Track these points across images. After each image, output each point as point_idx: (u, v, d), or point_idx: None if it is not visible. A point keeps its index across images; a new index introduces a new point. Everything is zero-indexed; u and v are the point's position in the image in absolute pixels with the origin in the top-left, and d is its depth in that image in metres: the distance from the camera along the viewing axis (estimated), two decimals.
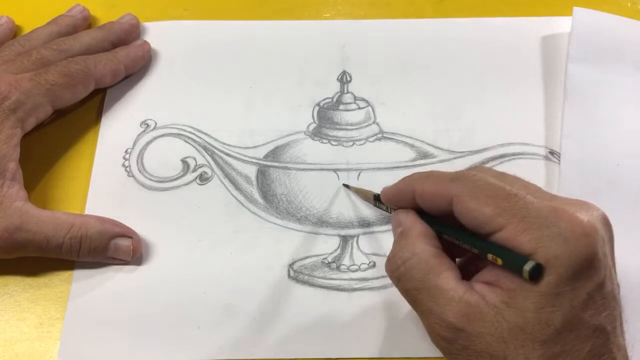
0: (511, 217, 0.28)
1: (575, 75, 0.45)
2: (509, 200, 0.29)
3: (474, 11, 0.50)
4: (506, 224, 0.28)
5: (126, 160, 0.44)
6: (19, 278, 0.40)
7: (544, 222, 0.28)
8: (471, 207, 0.30)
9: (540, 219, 0.28)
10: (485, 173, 0.31)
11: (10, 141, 0.40)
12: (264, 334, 0.38)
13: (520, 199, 0.29)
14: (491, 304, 0.28)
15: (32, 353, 0.38)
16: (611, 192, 0.41)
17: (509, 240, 0.28)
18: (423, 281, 0.30)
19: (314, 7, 0.51)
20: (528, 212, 0.28)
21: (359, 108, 0.46)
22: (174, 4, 0.51)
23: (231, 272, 0.40)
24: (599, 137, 0.43)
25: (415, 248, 0.32)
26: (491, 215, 0.29)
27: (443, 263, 0.31)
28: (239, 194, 0.43)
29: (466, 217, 0.30)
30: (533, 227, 0.28)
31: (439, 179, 0.32)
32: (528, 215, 0.28)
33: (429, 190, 0.32)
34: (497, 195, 0.29)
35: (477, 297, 0.29)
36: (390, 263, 0.33)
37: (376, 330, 0.38)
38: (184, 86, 0.47)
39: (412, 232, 0.32)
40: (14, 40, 0.46)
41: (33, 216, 0.38)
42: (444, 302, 0.29)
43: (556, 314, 0.27)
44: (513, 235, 0.28)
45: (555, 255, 0.27)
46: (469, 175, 0.31)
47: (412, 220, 0.33)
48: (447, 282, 0.30)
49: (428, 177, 0.33)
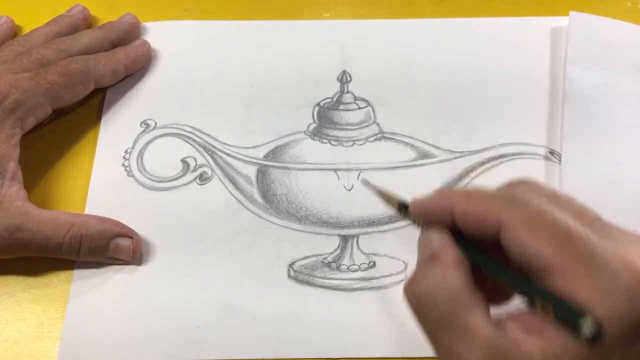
0: (570, 260, 0.25)
1: (573, 76, 0.45)
2: (570, 239, 0.25)
3: (474, 11, 0.50)
4: (564, 267, 0.25)
5: (126, 160, 0.44)
6: (19, 278, 0.40)
7: (608, 272, 0.24)
8: (525, 242, 0.26)
9: (604, 267, 0.24)
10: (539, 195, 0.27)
11: (9, 141, 0.40)
12: (264, 334, 0.38)
13: (583, 240, 0.25)
14: (525, 352, 0.25)
15: (32, 353, 0.38)
16: (612, 191, 0.41)
17: (563, 286, 0.25)
18: (449, 315, 0.27)
19: (314, 7, 0.51)
20: (591, 257, 0.25)
21: (359, 108, 0.46)
22: (174, 4, 0.52)
23: (231, 272, 0.40)
24: (599, 136, 0.43)
25: (446, 275, 0.27)
26: (548, 253, 0.25)
27: (474, 297, 0.27)
28: (239, 194, 0.43)
29: (516, 251, 0.26)
30: (594, 276, 0.24)
31: (485, 199, 0.28)
32: (590, 261, 0.25)
33: (473, 210, 0.28)
34: (556, 232, 0.26)
35: (509, 343, 0.25)
36: (412, 286, 0.28)
37: (376, 330, 0.38)
38: (184, 86, 0.47)
39: (445, 257, 0.28)
40: (13, 40, 0.46)
41: (33, 216, 0.38)
42: (469, 343, 0.26)
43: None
44: (569, 281, 0.25)
45: (617, 312, 0.24)
46: (523, 199, 0.27)
47: (446, 243, 0.29)
48: (476, 320, 0.26)
49: (472, 196, 0.29)
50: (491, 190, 0.29)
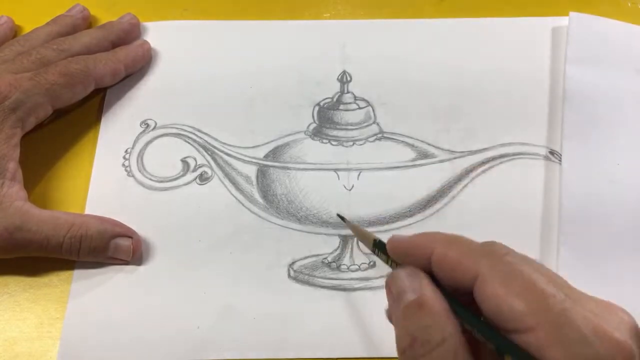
0: (544, 321, 0.25)
1: (573, 76, 0.45)
2: (545, 299, 0.25)
3: (474, 11, 0.50)
4: (537, 327, 0.25)
5: (126, 160, 0.44)
6: (19, 278, 0.40)
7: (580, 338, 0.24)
8: (499, 294, 0.26)
9: (576, 333, 0.24)
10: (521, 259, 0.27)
11: (10, 141, 0.40)
12: (264, 334, 0.38)
13: (558, 302, 0.25)
14: None
15: (32, 353, 0.38)
16: (612, 191, 0.41)
17: (535, 347, 0.25)
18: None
19: (314, 7, 0.51)
20: (564, 320, 0.25)
21: (359, 108, 0.46)
22: (174, 4, 0.52)
23: (231, 272, 0.40)
24: (599, 136, 0.43)
25: (445, 331, 0.26)
26: (521, 312, 0.25)
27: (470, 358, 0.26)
28: (239, 194, 0.43)
29: (489, 304, 0.26)
30: (566, 341, 0.24)
31: (466, 247, 0.28)
32: (563, 324, 0.25)
33: (452, 257, 0.27)
34: (532, 290, 0.25)
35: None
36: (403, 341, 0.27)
37: (376, 330, 0.38)
38: (184, 86, 0.47)
39: (436, 307, 0.27)
40: (13, 40, 0.46)
41: (33, 216, 0.38)
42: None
43: None
44: (542, 343, 0.24)
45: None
46: (503, 254, 0.27)
47: (431, 290, 0.27)
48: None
49: (453, 242, 0.28)
50: (472, 241, 0.28)
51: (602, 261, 0.39)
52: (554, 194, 0.42)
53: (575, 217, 0.40)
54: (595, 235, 0.39)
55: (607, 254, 0.39)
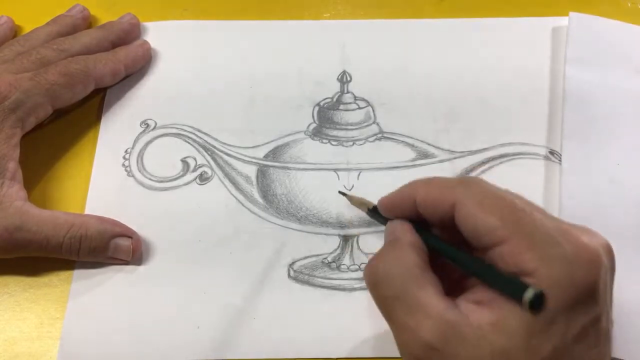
0: (516, 231, 0.27)
1: (573, 77, 0.45)
2: (516, 212, 0.27)
3: (474, 11, 0.50)
4: (509, 237, 0.27)
5: (126, 160, 0.44)
6: (19, 278, 0.40)
7: (550, 241, 0.27)
8: (474, 213, 0.28)
9: (546, 237, 0.27)
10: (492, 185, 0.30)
11: (10, 141, 0.40)
12: (264, 334, 0.38)
13: (527, 214, 0.27)
14: (475, 324, 0.27)
15: (32, 353, 0.38)
16: (612, 191, 0.41)
17: (509, 255, 0.27)
18: (402, 291, 0.29)
19: (314, 7, 0.51)
20: (534, 228, 0.27)
21: (359, 108, 0.46)
22: (174, 4, 0.52)
23: (231, 272, 0.40)
24: (599, 136, 0.43)
25: (400, 255, 0.30)
26: (495, 225, 0.27)
27: (427, 276, 0.29)
28: (239, 194, 0.43)
29: (467, 225, 0.28)
30: (537, 245, 0.26)
31: (443, 182, 0.31)
32: (534, 231, 0.27)
33: (432, 194, 0.30)
34: (503, 206, 0.28)
35: (459, 316, 0.27)
36: (370, 267, 0.31)
37: (376, 330, 0.37)
38: (184, 86, 0.47)
39: (402, 241, 0.31)
40: (13, 40, 0.46)
41: (33, 216, 0.38)
42: (421, 317, 0.27)
43: (546, 343, 0.26)
44: (515, 250, 0.27)
45: (558, 279, 0.26)
46: (476, 180, 0.30)
47: (405, 230, 0.32)
48: (427, 296, 0.28)
49: (431, 181, 0.31)
50: (448, 177, 0.32)
51: None
52: (554, 194, 0.42)
53: (575, 217, 0.40)
54: None
55: None
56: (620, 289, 0.38)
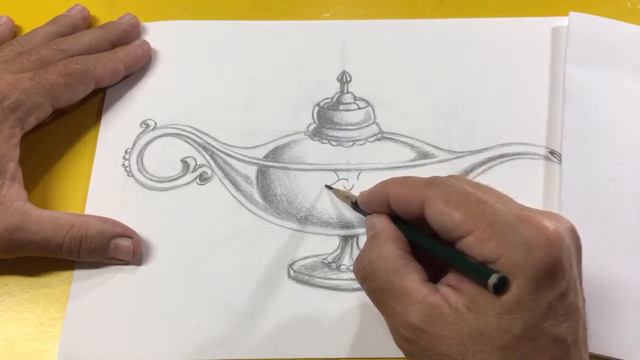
0: (478, 222, 0.29)
1: (573, 76, 0.45)
2: (478, 206, 0.29)
3: (474, 11, 0.50)
4: (473, 229, 0.29)
5: (126, 160, 0.44)
6: (19, 278, 0.40)
7: (510, 229, 0.28)
8: (441, 211, 0.30)
9: (506, 225, 0.28)
10: (460, 181, 0.31)
11: (10, 141, 0.40)
12: (264, 334, 0.38)
13: (489, 205, 0.29)
14: (453, 306, 0.29)
15: (32, 353, 0.38)
16: (612, 190, 0.41)
17: (475, 246, 0.29)
18: (388, 281, 0.31)
19: (314, 7, 0.51)
20: (495, 218, 0.29)
21: (359, 108, 0.46)
22: (174, 4, 0.52)
23: (231, 272, 0.40)
24: (599, 136, 0.43)
25: (382, 249, 0.32)
26: (460, 220, 0.29)
27: (409, 265, 0.31)
28: (239, 194, 0.43)
29: (436, 221, 0.30)
30: (498, 233, 0.28)
31: (414, 183, 0.33)
32: (495, 221, 0.29)
33: (403, 193, 0.33)
34: (467, 201, 0.30)
35: (441, 299, 0.29)
36: (358, 263, 0.33)
37: (376, 330, 0.38)
38: (184, 86, 0.47)
39: (382, 235, 0.33)
40: (13, 40, 0.46)
41: (33, 216, 0.38)
42: (407, 302, 0.30)
43: (516, 321, 0.27)
44: (479, 241, 0.28)
45: (517, 263, 0.27)
46: (444, 180, 0.32)
47: (383, 224, 0.34)
48: (411, 283, 0.30)
49: (403, 181, 0.33)
50: (419, 177, 0.33)
51: (601, 261, 0.38)
52: (554, 194, 0.42)
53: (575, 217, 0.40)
54: (595, 235, 0.39)
55: (607, 254, 0.39)
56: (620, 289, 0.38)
